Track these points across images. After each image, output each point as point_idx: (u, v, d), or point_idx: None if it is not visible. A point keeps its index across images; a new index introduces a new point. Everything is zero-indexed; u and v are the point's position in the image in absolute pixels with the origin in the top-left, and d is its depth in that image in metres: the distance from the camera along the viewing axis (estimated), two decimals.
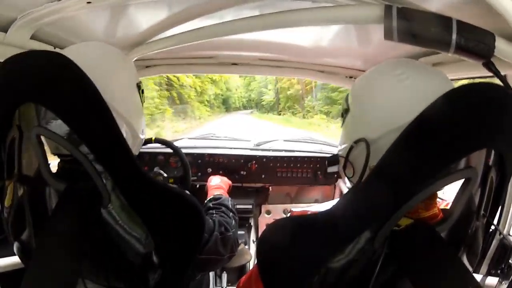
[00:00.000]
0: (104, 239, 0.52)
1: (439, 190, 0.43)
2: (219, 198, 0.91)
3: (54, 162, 0.57)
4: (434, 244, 0.41)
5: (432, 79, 0.49)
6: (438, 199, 0.51)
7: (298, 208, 0.73)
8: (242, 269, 1.43)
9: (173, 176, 1.14)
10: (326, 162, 0.65)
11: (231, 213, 0.85)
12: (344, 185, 1.57)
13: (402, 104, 0.47)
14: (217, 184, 1.09)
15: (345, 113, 0.57)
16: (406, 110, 0.45)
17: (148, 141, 1.15)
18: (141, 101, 0.66)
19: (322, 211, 0.47)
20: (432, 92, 0.44)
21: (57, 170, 0.57)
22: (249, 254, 1.22)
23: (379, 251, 0.41)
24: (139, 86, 0.64)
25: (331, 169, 0.62)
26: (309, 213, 0.56)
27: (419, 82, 0.48)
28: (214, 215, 0.81)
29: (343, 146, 0.57)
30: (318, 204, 0.70)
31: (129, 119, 0.60)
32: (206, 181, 1.17)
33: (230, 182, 1.16)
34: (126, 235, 0.52)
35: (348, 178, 0.56)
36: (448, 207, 0.52)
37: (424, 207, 0.47)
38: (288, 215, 0.58)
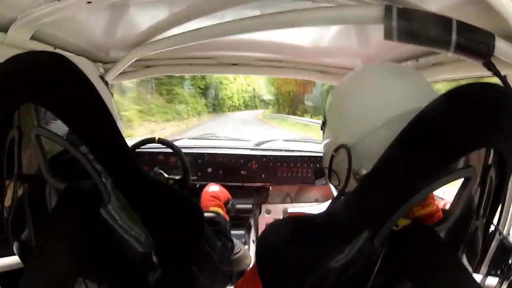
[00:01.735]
0: (104, 239, 0.52)
1: (438, 189, 0.43)
2: (218, 224, 0.86)
3: None
4: (433, 244, 0.41)
5: (401, 77, 0.50)
6: (437, 198, 0.51)
7: (295, 209, 0.73)
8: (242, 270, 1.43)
9: (173, 178, 1.14)
10: (314, 175, 0.65)
11: (229, 243, 0.83)
12: None
13: (372, 106, 0.48)
14: (214, 193, 0.98)
15: (323, 125, 0.59)
16: (376, 111, 0.47)
17: (151, 140, 1.15)
18: (110, 92, 0.66)
19: (321, 211, 0.47)
20: (401, 90, 0.47)
21: (69, 166, 0.57)
22: (249, 258, 1.22)
23: (378, 251, 0.41)
24: (102, 77, 0.64)
25: (319, 182, 0.62)
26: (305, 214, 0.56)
27: (386, 82, 0.49)
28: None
29: (325, 157, 0.58)
30: (315, 205, 0.70)
31: None
32: (206, 181, 1.17)
33: (229, 195, 1.04)
34: (126, 234, 0.52)
35: (335, 187, 0.56)
36: (447, 207, 0.52)
37: (419, 205, 0.47)
38: (285, 216, 0.58)
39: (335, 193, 0.57)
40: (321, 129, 0.61)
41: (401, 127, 0.40)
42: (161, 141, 1.13)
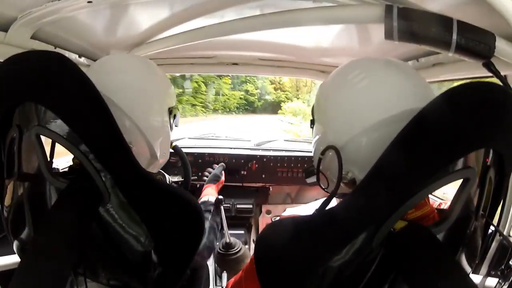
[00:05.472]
0: (103, 238, 0.52)
1: (437, 190, 0.43)
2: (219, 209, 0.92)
3: (57, 161, 0.58)
4: (430, 246, 0.41)
5: (393, 75, 0.47)
6: (437, 199, 0.51)
7: (288, 212, 0.73)
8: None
9: (174, 181, 1.13)
10: (304, 174, 0.64)
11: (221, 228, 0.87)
12: None
13: (362, 106, 0.46)
14: (213, 191, 1.03)
15: (312, 124, 0.58)
16: (366, 113, 0.45)
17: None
18: (170, 125, 0.68)
19: (321, 211, 0.47)
20: (393, 89, 0.44)
21: (70, 165, 0.59)
22: (249, 258, 1.21)
23: (376, 252, 0.41)
24: (171, 110, 0.67)
25: (310, 180, 0.61)
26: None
27: (377, 80, 0.47)
28: (210, 221, 0.83)
29: (314, 157, 0.56)
30: (306, 205, 0.70)
31: (150, 138, 0.62)
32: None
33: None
34: (125, 233, 0.52)
35: (324, 190, 0.56)
36: (444, 206, 0.52)
37: (413, 207, 0.46)
38: (277, 218, 0.57)
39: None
40: (311, 127, 0.59)
41: (394, 130, 0.39)
42: (175, 148, 1.06)
